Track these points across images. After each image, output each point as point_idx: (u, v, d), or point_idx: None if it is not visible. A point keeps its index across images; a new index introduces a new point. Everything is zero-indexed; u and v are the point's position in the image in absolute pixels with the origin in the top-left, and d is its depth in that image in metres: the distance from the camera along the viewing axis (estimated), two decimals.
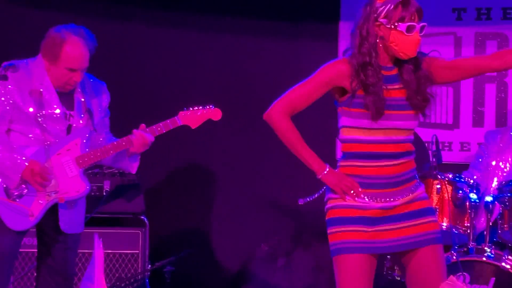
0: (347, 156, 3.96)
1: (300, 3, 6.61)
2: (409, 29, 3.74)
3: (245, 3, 6.69)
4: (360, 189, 3.85)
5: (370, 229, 3.81)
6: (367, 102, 3.81)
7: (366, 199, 3.85)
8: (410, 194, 3.86)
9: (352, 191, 3.86)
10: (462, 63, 4.02)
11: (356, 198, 3.85)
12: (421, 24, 3.79)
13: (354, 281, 3.84)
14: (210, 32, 6.76)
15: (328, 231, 3.89)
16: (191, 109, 4.81)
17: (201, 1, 6.75)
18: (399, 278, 5.12)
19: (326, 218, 3.93)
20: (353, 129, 3.91)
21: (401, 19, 3.76)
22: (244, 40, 6.73)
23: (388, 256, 4.25)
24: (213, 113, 4.82)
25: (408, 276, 3.92)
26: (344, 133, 3.93)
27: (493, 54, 4.19)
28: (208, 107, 4.82)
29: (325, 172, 3.95)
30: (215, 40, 6.75)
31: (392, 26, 3.77)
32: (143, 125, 4.71)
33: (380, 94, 3.80)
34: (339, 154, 4.28)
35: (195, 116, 4.80)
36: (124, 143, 4.67)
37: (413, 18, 3.77)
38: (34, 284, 5.09)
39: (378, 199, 3.86)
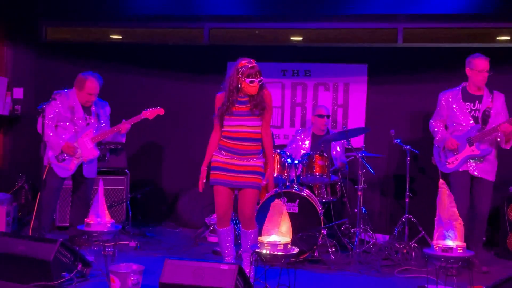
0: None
1: (207, 62, 6.45)
2: (251, 82, 3.78)
3: (176, 64, 6.56)
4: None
5: (224, 174, 3.86)
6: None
7: (229, 159, 3.86)
8: (249, 161, 3.87)
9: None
10: (268, 112, 3.91)
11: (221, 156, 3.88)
12: (258, 78, 3.79)
13: (218, 198, 3.91)
14: (156, 78, 6.62)
15: (211, 171, 3.92)
16: (149, 109, 4.86)
17: (150, 60, 6.62)
18: None
19: (211, 165, 3.92)
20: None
21: (248, 76, 3.78)
22: (173, 82, 6.57)
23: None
24: (160, 110, 4.88)
25: (238, 201, 3.95)
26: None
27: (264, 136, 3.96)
28: (157, 107, 4.88)
29: None
30: (159, 82, 6.61)
31: (244, 79, 3.79)
32: (124, 120, 4.79)
33: (229, 110, 3.83)
34: None
35: (150, 112, 4.86)
36: (115, 128, 4.79)
37: (254, 76, 3.78)
38: (70, 206, 5.17)
39: (232, 159, 3.88)
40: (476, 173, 4.51)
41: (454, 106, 4.59)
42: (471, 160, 4.52)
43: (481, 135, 4.44)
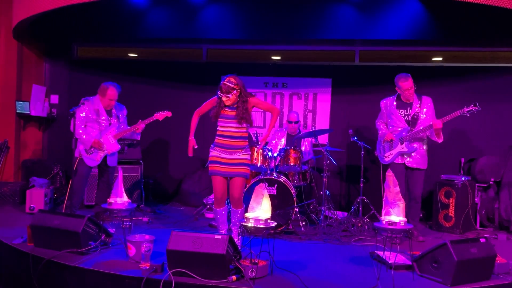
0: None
1: (205, 76, 6.44)
2: (219, 96, 3.77)
3: (180, 77, 6.53)
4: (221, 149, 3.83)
5: (219, 166, 3.82)
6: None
7: (221, 154, 3.84)
8: (237, 155, 3.83)
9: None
10: (261, 106, 3.91)
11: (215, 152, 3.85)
12: (225, 95, 3.74)
13: (215, 185, 3.87)
14: (164, 87, 6.56)
15: (209, 164, 3.90)
16: (159, 112, 4.75)
17: (160, 73, 6.55)
18: None
19: (209, 159, 3.91)
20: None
21: (219, 89, 3.75)
22: (177, 91, 6.51)
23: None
24: (168, 113, 4.75)
25: (229, 187, 3.90)
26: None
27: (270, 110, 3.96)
28: (166, 111, 4.76)
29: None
30: (166, 90, 6.54)
31: (220, 93, 3.78)
32: (140, 120, 4.70)
33: (219, 112, 3.82)
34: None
35: (160, 114, 4.74)
36: (133, 127, 4.69)
37: (222, 91, 3.75)
38: (96, 189, 5.09)
39: (224, 153, 3.84)
40: (410, 164, 4.51)
41: (391, 113, 4.58)
42: (404, 156, 4.50)
43: (410, 135, 4.44)
